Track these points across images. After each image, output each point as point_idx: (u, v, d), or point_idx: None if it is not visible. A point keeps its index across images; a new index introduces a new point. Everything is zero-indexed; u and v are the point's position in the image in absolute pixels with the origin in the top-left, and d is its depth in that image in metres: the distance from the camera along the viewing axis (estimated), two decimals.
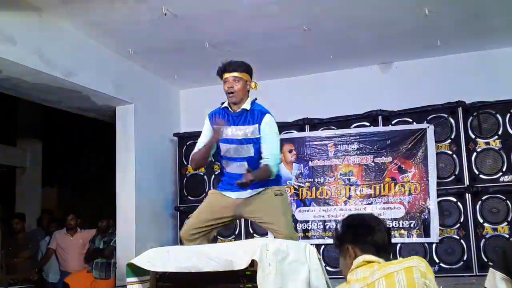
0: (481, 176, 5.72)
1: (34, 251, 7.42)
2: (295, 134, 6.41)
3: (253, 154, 3.69)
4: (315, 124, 6.40)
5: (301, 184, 6.22)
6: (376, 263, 2.10)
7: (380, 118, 6.13)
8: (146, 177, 6.45)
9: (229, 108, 3.78)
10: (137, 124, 6.38)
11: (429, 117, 5.94)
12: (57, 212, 9.38)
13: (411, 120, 6.04)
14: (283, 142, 6.24)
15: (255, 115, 3.70)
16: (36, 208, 9.42)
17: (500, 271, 2.04)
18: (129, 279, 3.13)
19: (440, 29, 5.59)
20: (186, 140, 6.84)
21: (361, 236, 2.22)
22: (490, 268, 2.05)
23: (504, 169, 5.64)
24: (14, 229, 7.36)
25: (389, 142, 5.99)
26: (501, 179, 5.64)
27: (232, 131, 3.69)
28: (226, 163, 3.82)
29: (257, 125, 3.67)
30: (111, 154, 6.48)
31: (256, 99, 3.83)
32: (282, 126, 6.45)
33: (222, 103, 3.84)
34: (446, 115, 5.89)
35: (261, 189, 3.75)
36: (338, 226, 2.34)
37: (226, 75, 3.69)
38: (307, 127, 6.40)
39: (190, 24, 5.26)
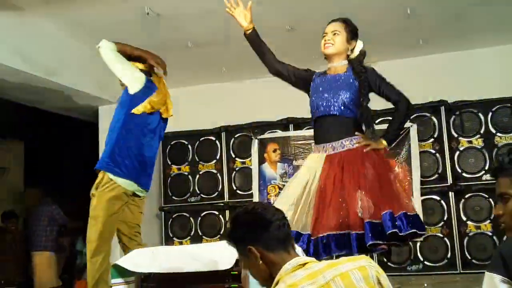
0: (464, 174, 5.77)
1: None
2: (279, 133, 6.40)
3: None
4: (299, 123, 6.38)
5: (285, 184, 6.20)
6: (310, 263, 1.91)
7: None
8: None
9: None
10: None
11: (413, 116, 5.97)
12: None
13: None
14: (268, 141, 6.25)
15: None
16: (20, 208, 9.28)
17: (500, 274, 1.85)
18: (114, 280, 3.13)
19: (422, 29, 5.62)
20: (171, 140, 6.80)
21: (261, 233, 1.97)
22: (487, 272, 1.91)
23: (486, 168, 5.69)
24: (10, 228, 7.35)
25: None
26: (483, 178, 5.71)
27: None
28: None
29: None
30: (94, 154, 6.40)
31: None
32: (267, 126, 6.46)
33: None
34: (428, 114, 5.93)
35: None
36: (231, 226, 2.07)
37: None
38: (291, 126, 6.39)
39: (173, 23, 5.22)
